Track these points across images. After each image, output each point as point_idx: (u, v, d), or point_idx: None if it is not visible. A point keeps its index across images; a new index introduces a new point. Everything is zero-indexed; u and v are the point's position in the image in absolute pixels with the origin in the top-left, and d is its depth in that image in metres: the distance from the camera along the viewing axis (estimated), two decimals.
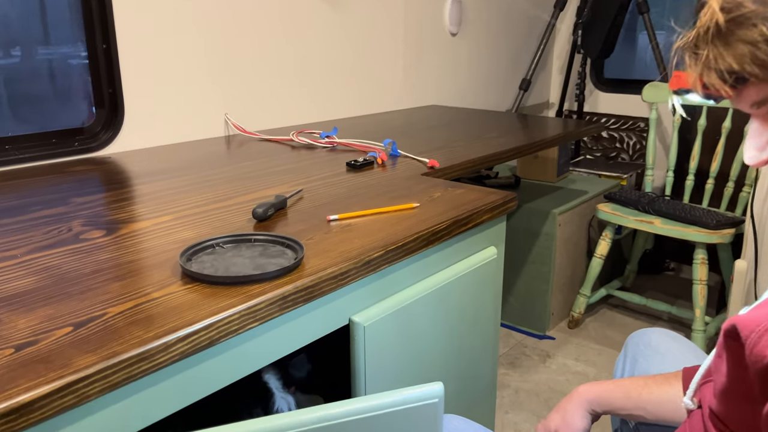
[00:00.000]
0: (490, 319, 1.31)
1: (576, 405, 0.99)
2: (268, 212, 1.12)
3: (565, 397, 1.02)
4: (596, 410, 0.98)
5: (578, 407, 0.99)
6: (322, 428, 0.72)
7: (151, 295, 0.83)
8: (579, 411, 0.99)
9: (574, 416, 0.98)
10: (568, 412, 0.99)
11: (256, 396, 1.08)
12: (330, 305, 0.94)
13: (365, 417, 0.74)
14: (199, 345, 0.76)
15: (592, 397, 0.98)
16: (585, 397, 0.99)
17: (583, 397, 0.99)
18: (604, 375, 2.11)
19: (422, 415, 0.76)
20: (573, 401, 0.99)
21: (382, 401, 0.74)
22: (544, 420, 1.03)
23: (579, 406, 0.99)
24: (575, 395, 1.00)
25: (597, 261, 2.35)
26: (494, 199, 1.25)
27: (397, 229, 1.08)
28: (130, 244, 1.01)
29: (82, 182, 1.37)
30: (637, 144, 3.16)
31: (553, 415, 1.01)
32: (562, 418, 0.99)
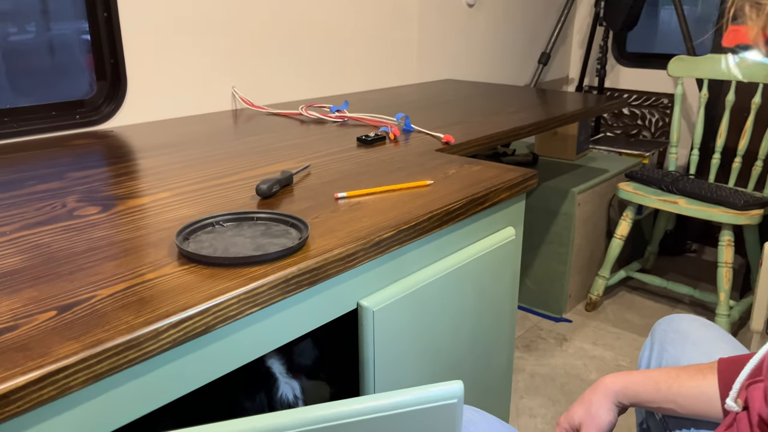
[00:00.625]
0: (506, 303, 1.24)
1: (602, 397, 0.93)
2: (273, 189, 1.06)
3: (590, 388, 0.95)
4: (623, 402, 0.92)
5: (604, 399, 0.92)
6: (328, 428, 0.66)
7: (145, 276, 0.77)
8: (605, 403, 0.92)
9: (599, 409, 0.92)
10: (593, 404, 0.93)
11: (259, 381, 1.02)
12: (336, 289, 0.88)
13: (375, 417, 0.68)
14: (194, 332, 0.70)
15: (618, 389, 0.92)
16: (611, 389, 0.92)
17: (609, 389, 0.92)
18: (623, 359, 2.05)
19: (439, 416, 0.71)
20: (598, 393, 0.93)
21: (395, 400, 0.68)
22: (567, 413, 0.97)
23: (605, 398, 0.92)
24: (601, 387, 0.93)
25: (617, 242, 2.27)
26: (513, 176, 1.18)
27: (409, 207, 1.01)
28: (125, 222, 0.95)
29: (81, 156, 1.31)
30: (659, 121, 3.05)
31: (576, 408, 0.95)
32: (586, 411, 0.93)
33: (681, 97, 2.39)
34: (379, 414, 0.69)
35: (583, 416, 0.94)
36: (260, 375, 1.02)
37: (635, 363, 2.03)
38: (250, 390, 1.01)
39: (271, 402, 1.00)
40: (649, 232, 2.71)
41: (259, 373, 1.02)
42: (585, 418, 0.93)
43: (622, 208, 2.48)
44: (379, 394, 0.68)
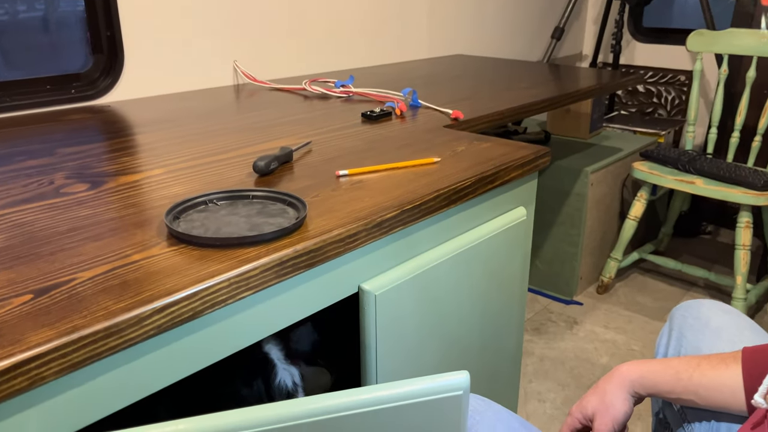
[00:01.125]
0: (516, 286, 1.19)
1: (617, 386, 0.87)
2: (271, 166, 1.00)
3: (604, 376, 0.90)
4: (639, 392, 0.87)
5: (619, 389, 0.87)
6: (325, 421, 0.61)
7: (130, 258, 0.72)
8: (620, 393, 0.87)
9: (614, 398, 0.87)
10: (607, 393, 0.87)
11: (256, 367, 0.98)
12: (336, 272, 0.83)
13: (375, 410, 0.63)
14: (180, 318, 0.65)
15: (635, 378, 0.87)
16: (627, 378, 0.87)
17: (625, 378, 0.87)
18: (635, 343, 2.00)
19: (443, 408, 0.66)
20: (614, 382, 0.88)
21: (397, 392, 0.63)
22: (579, 402, 0.92)
23: (620, 388, 0.87)
24: (616, 375, 0.88)
25: (630, 223, 2.21)
26: (525, 154, 1.12)
27: (414, 186, 0.95)
28: (114, 200, 0.90)
29: (75, 132, 1.26)
30: (675, 99, 2.96)
31: (589, 397, 0.90)
32: (600, 400, 0.88)
33: (700, 73, 2.30)
34: (379, 406, 0.64)
35: (597, 406, 0.89)
36: (258, 361, 0.97)
37: (648, 347, 1.97)
38: (248, 376, 0.96)
39: (269, 389, 0.96)
40: (663, 213, 2.64)
41: (256, 360, 0.97)
42: (599, 407, 0.88)
43: (635, 189, 2.41)
44: (380, 385, 0.63)
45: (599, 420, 0.88)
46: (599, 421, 0.88)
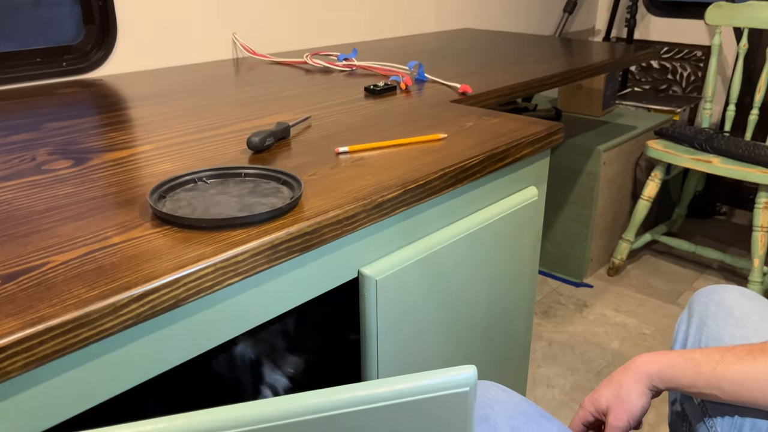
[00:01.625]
0: (527, 270, 1.13)
1: (634, 379, 0.82)
2: (266, 142, 0.94)
3: (620, 369, 0.84)
4: (658, 387, 0.81)
5: (636, 382, 0.82)
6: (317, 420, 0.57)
7: (110, 240, 0.67)
8: (637, 386, 0.81)
9: (630, 392, 0.81)
10: (623, 386, 0.82)
11: (246, 365, 0.93)
12: (333, 256, 0.77)
13: (372, 408, 0.58)
14: (161, 306, 0.60)
15: (653, 371, 0.81)
16: (645, 371, 0.81)
17: (642, 371, 0.81)
18: (646, 327, 1.94)
19: (448, 407, 0.60)
20: (630, 375, 0.82)
21: (396, 388, 0.58)
22: (593, 394, 0.86)
23: (637, 381, 0.82)
24: (633, 368, 0.82)
25: (643, 203, 2.14)
26: (537, 130, 1.05)
27: (419, 164, 0.89)
28: (98, 177, 0.84)
29: (64, 106, 1.20)
30: (691, 75, 2.87)
31: (603, 390, 0.84)
32: (615, 394, 0.82)
33: (718, 48, 2.21)
34: (377, 404, 0.59)
35: (612, 400, 0.83)
36: (246, 360, 0.92)
37: (660, 331, 1.92)
38: (236, 370, 0.91)
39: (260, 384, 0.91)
40: (676, 194, 2.57)
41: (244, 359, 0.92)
42: (613, 401, 0.83)
43: (649, 168, 2.33)
44: (379, 381, 0.58)
45: (613, 414, 0.82)
46: (613, 416, 0.82)
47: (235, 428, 0.54)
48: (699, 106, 2.77)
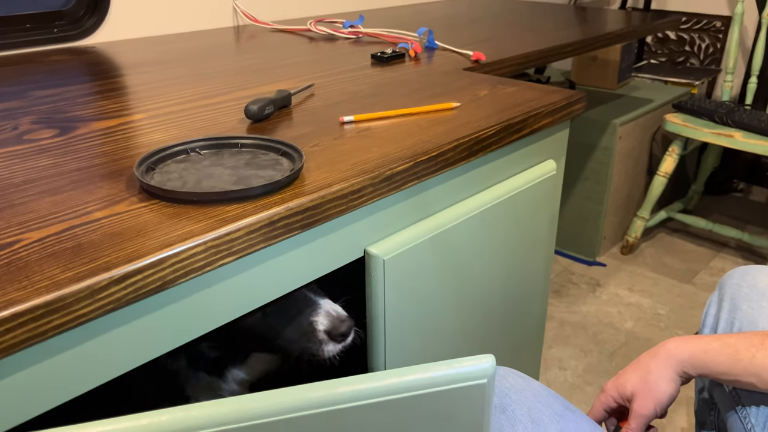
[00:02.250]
0: (543, 249, 1.07)
1: (663, 365, 0.76)
2: (266, 110, 0.87)
3: (648, 353, 0.78)
4: (689, 373, 0.75)
5: (665, 368, 0.75)
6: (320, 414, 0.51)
7: (92, 215, 0.61)
8: (666, 372, 0.75)
9: (659, 379, 0.75)
10: (651, 372, 0.76)
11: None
12: (337, 234, 0.71)
13: (380, 401, 0.52)
14: (145, 289, 0.54)
15: (685, 357, 0.75)
16: (676, 357, 0.75)
17: (672, 356, 0.75)
18: (661, 307, 1.88)
19: (464, 399, 0.55)
20: (659, 360, 0.76)
21: (405, 380, 0.53)
22: (617, 378, 0.80)
23: (667, 367, 0.75)
24: (662, 353, 0.76)
25: (660, 180, 2.06)
26: (556, 99, 0.98)
27: (430, 134, 0.82)
28: (83, 148, 0.78)
29: (53, 73, 1.13)
30: (710, 47, 2.76)
31: (630, 374, 0.78)
32: (642, 380, 0.76)
33: (740, 17, 2.12)
34: (387, 397, 0.54)
35: (638, 386, 0.77)
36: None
37: (675, 312, 1.86)
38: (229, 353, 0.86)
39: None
40: (692, 170, 2.48)
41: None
42: (640, 388, 0.77)
43: (665, 143, 2.25)
44: (387, 372, 0.53)
45: (639, 402, 0.76)
46: (639, 403, 0.76)
47: (223, 425, 0.48)
48: (717, 78, 2.67)
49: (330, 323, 0.75)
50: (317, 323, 0.75)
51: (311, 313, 0.76)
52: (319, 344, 0.76)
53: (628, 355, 1.68)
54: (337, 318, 0.76)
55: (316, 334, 0.75)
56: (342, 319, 0.76)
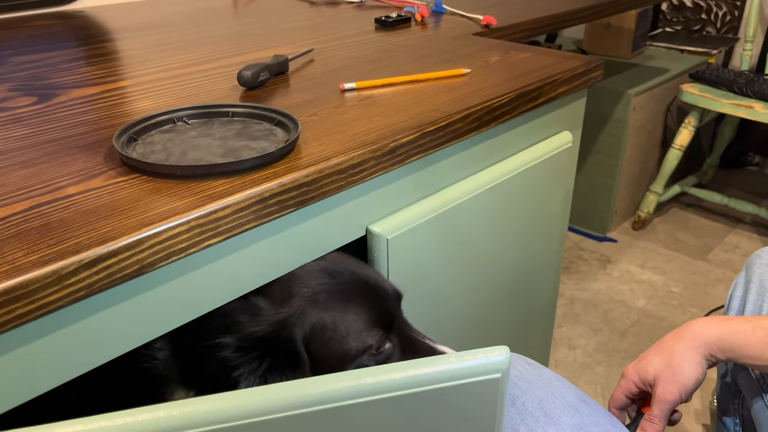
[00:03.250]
0: (556, 226, 1.01)
1: (689, 347, 0.70)
2: (260, 77, 0.81)
3: (672, 334, 0.73)
4: (716, 356, 0.70)
5: (691, 350, 0.70)
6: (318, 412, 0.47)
7: (63, 191, 0.55)
8: (692, 356, 0.70)
9: (684, 362, 0.70)
10: (676, 355, 0.70)
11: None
12: (336, 211, 0.65)
13: (383, 398, 0.47)
14: (120, 274, 0.48)
15: (712, 339, 0.69)
16: (702, 339, 0.70)
17: (699, 339, 0.70)
18: (675, 285, 1.82)
19: (475, 395, 0.50)
20: (684, 341, 0.71)
21: (408, 375, 0.47)
22: (638, 362, 0.75)
23: (692, 349, 0.70)
24: (688, 334, 0.71)
25: (675, 153, 1.99)
26: (574, 65, 0.91)
27: (438, 103, 0.76)
28: (61, 116, 0.72)
29: (36, 38, 1.07)
30: (727, 15, 2.66)
31: (652, 357, 0.73)
32: (666, 363, 0.71)
33: None
34: (390, 394, 0.48)
35: (661, 370, 0.72)
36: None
37: (689, 289, 1.80)
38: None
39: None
40: (707, 142, 2.41)
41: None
42: (663, 372, 0.71)
43: (680, 115, 2.17)
44: (391, 365, 0.46)
45: (663, 387, 0.71)
46: (663, 388, 0.71)
47: (209, 425, 0.43)
48: (735, 48, 2.57)
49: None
50: None
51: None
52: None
53: (639, 334, 1.63)
54: None
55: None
56: None
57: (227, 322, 0.60)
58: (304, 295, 0.62)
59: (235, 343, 0.58)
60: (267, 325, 0.59)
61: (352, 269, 0.67)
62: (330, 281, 0.64)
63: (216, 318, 0.60)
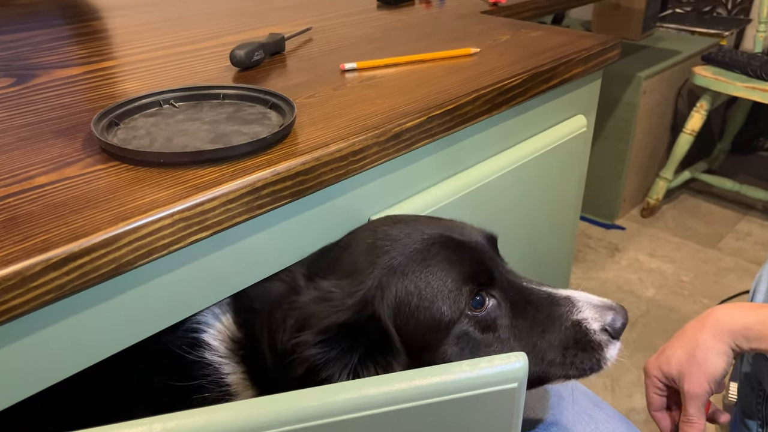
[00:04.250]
0: (569, 214, 0.96)
1: (712, 336, 0.66)
2: (255, 56, 0.76)
3: (693, 323, 0.69)
4: (741, 346, 0.66)
5: (715, 340, 0.66)
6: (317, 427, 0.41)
7: (33, 181, 0.50)
8: (716, 345, 0.66)
9: (708, 353, 0.65)
10: (699, 346, 0.66)
11: None
12: (335, 202, 0.60)
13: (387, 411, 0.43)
14: (95, 274, 0.44)
15: (737, 328, 0.65)
16: (727, 327, 0.65)
17: (723, 327, 0.66)
18: (685, 274, 1.77)
19: (487, 408, 0.45)
20: (708, 330, 0.66)
21: (414, 385, 0.43)
22: (658, 356, 0.70)
23: (716, 338, 0.66)
24: (711, 322, 0.67)
25: (686, 138, 1.93)
26: (590, 44, 0.85)
27: (445, 84, 0.71)
28: (40, 99, 0.67)
29: (19, 17, 1.01)
30: None
31: (674, 349, 0.68)
32: (689, 355, 0.66)
33: None
34: (390, 408, 0.44)
35: (685, 362, 0.67)
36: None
37: (699, 278, 1.75)
38: None
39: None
40: (717, 127, 2.34)
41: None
42: (688, 365, 0.67)
43: (691, 98, 2.11)
44: (398, 374, 0.43)
45: (690, 380, 0.66)
46: (690, 382, 0.66)
47: None
48: (746, 29, 2.50)
49: (604, 315, 0.56)
50: (587, 322, 0.55)
51: (568, 312, 0.56)
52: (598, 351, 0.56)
53: (649, 325, 1.58)
54: (605, 306, 0.57)
55: (593, 339, 0.55)
56: (611, 304, 0.57)
57: (300, 316, 0.51)
58: (376, 263, 0.53)
59: (316, 339, 0.49)
60: (345, 308, 0.51)
61: (424, 222, 0.57)
62: (402, 241, 0.54)
63: (287, 314, 0.52)
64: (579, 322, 0.55)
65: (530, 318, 0.56)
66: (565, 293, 0.57)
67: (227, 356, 0.56)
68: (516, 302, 0.56)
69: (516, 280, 0.57)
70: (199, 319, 0.57)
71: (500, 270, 0.57)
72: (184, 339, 0.56)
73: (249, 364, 0.56)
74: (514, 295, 0.56)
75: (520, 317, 0.56)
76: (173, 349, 0.56)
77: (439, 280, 0.53)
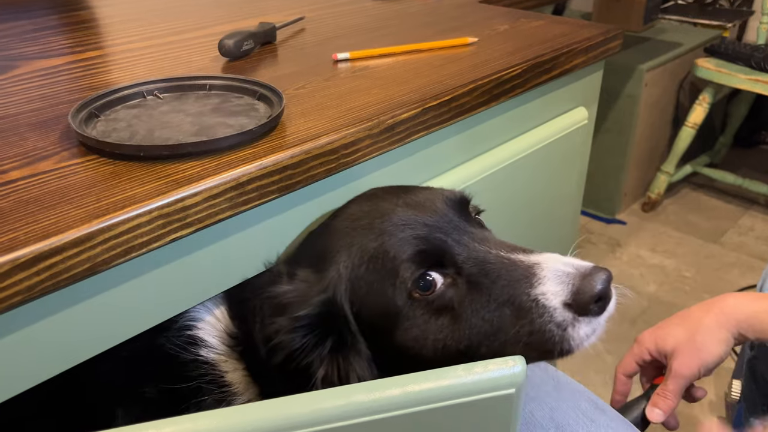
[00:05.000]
0: (570, 210, 0.93)
1: (717, 323, 0.65)
2: (244, 46, 0.73)
3: (700, 306, 0.67)
4: (745, 335, 0.65)
5: (719, 326, 0.65)
6: None
7: (6, 176, 0.47)
8: (719, 332, 0.65)
9: (709, 338, 0.65)
10: (701, 329, 0.65)
11: None
12: (326, 198, 0.57)
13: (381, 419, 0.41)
14: (67, 274, 0.41)
15: (743, 317, 0.64)
16: (733, 315, 0.65)
17: (729, 315, 0.65)
18: (687, 269, 1.75)
19: (484, 414, 0.43)
20: (713, 316, 0.65)
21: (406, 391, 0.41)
22: (657, 329, 0.70)
23: (720, 326, 0.65)
24: (717, 308, 0.66)
25: (688, 131, 1.90)
26: (591, 34, 0.82)
27: (442, 75, 0.68)
28: (18, 90, 0.64)
29: (2, 6, 0.98)
30: None
31: (673, 328, 0.67)
32: (689, 336, 0.65)
33: None
34: (381, 415, 0.42)
35: (683, 342, 0.66)
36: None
37: (702, 274, 1.73)
38: None
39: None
40: (719, 120, 2.31)
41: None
42: (685, 345, 0.66)
43: (693, 91, 2.08)
44: (390, 379, 0.41)
45: (681, 360, 0.65)
46: (681, 362, 0.65)
47: None
48: (749, 21, 2.47)
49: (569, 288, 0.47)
50: (545, 298, 0.48)
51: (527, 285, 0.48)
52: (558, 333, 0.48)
53: (650, 322, 1.56)
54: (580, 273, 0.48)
55: (551, 318, 0.48)
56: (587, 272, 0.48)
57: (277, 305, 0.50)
58: (339, 249, 0.50)
59: (292, 324, 0.48)
60: (314, 296, 0.49)
61: (387, 199, 0.53)
62: (362, 221, 0.51)
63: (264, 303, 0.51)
64: (536, 298, 0.48)
65: (486, 293, 0.49)
66: (535, 259, 0.50)
67: (225, 353, 0.54)
68: (476, 277, 0.49)
69: (481, 249, 0.50)
70: (192, 315, 0.54)
71: (462, 244, 0.50)
72: (177, 338, 0.54)
73: (248, 359, 0.54)
74: (475, 269, 0.49)
75: (477, 293, 0.49)
76: (166, 350, 0.53)
77: (385, 265, 0.49)
